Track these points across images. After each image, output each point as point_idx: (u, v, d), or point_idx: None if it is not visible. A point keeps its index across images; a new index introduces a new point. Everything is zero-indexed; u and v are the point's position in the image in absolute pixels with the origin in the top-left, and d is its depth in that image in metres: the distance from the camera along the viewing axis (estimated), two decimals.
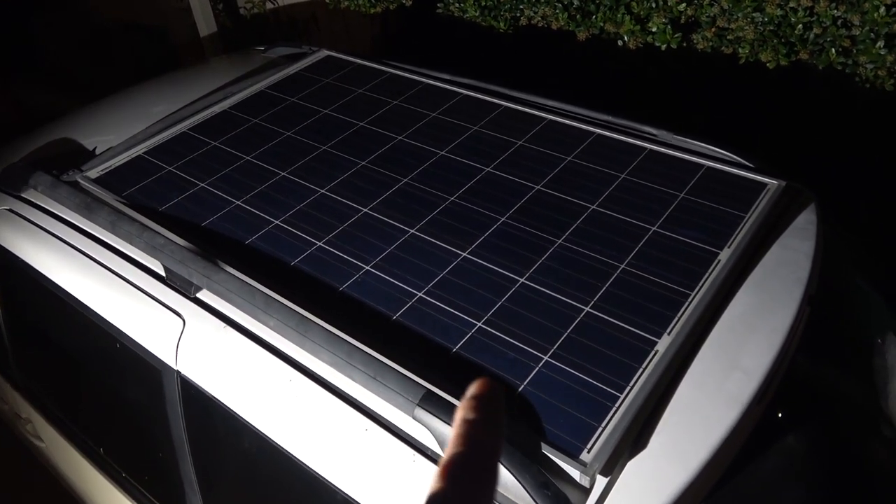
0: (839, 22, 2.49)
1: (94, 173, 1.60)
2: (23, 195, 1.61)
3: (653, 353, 1.08)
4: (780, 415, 1.09)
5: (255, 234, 1.38)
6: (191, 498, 1.36)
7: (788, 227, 1.34)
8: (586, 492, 0.93)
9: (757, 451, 1.05)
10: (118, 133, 1.76)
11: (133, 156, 1.65)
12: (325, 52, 2.08)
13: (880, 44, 2.40)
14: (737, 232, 1.30)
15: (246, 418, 1.15)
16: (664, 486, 0.92)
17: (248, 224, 1.41)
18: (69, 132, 1.89)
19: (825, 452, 1.23)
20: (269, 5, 4.35)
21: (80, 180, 1.57)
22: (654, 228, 1.32)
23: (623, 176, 1.47)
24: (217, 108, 1.82)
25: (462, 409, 0.32)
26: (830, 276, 1.31)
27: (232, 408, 1.17)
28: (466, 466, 0.32)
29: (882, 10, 2.36)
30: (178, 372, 1.25)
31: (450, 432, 0.92)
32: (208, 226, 1.41)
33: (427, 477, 0.97)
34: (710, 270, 1.22)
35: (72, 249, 1.46)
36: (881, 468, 1.29)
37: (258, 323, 1.17)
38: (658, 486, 0.92)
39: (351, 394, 1.07)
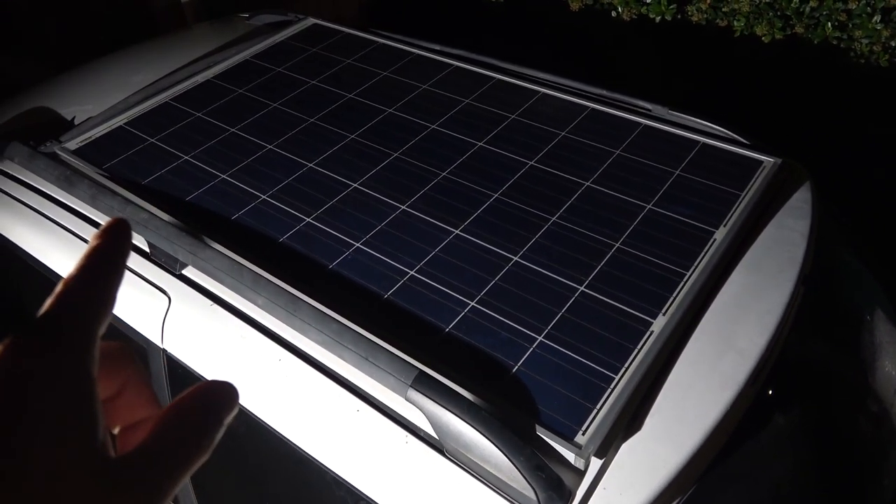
0: None
1: (72, 145, 1.54)
2: None
3: (648, 333, 1.07)
4: (774, 395, 1.08)
5: (242, 210, 1.34)
6: None
7: (784, 205, 1.33)
8: (581, 473, 0.92)
9: (751, 432, 1.05)
10: (97, 103, 1.70)
11: (113, 127, 1.60)
12: (311, 21, 2.02)
13: (876, 18, 2.37)
14: (732, 210, 1.28)
15: None
16: (659, 468, 0.92)
17: (234, 199, 1.37)
18: (46, 101, 1.82)
19: (819, 432, 1.23)
20: None
21: (58, 152, 1.52)
22: (649, 206, 1.30)
23: (618, 152, 1.45)
24: (200, 78, 1.76)
25: (91, 238, 0.35)
26: (825, 256, 1.31)
27: None
28: (86, 277, 0.34)
29: None
30: (164, 350, 1.22)
31: (444, 414, 0.91)
32: (193, 200, 1.37)
33: (420, 459, 0.96)
34: (705, 250, 1.20)
35: (51, 223, 1.41)
36: (873, 447, 1.30)
37: (246, 301, 1.15)
38: (653, 468, 0.92)
39: (342, 374, 1.06)
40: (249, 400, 1.11)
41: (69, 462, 0.28)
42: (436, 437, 0.95)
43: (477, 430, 0.90)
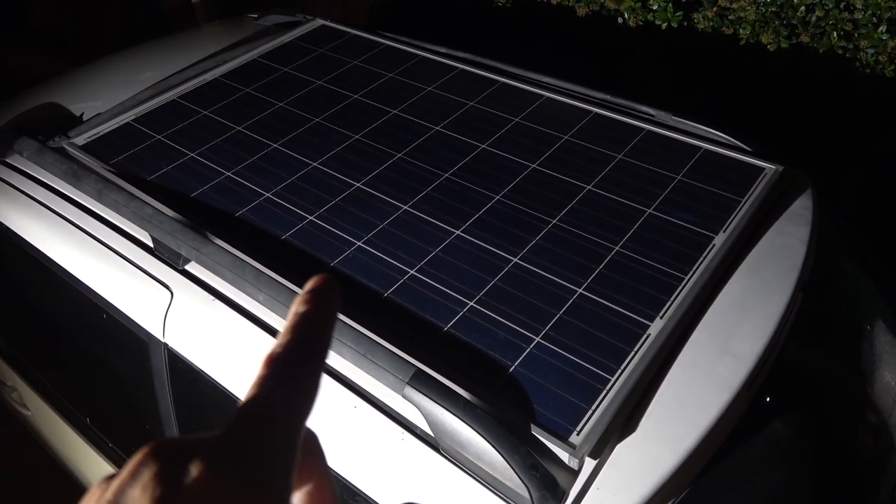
0: (842, 5, 2.46)
1: (80, 140, 1.56)
2: (7, 160, 1.58)
3: (645, 336, 1.07)
4: (770, 400, 1.09)
5: (246, 207, 1.35)
6: None
7: (784, 212, 1.33)
8: (575, 473, 0.92)
9: (746, 436, 1.05)
10: (106, 99, 1.72)
11: (121, 123, 1.62)
12: (319, 22, 2.03)
13: (882, 28, 2.37)
14: (732, 216, 1.29)
15: (234, 392, 1.14)
16: (653, 469, 0.92)
17: (238, 196, 1.38)
18: (55, 97, 1.84)
19: (814, 438, 1.23)
20: None
21: (66, 147, 1.54)
22: (649, 211, 1.31)
23: (620, 156, 1.45)
24: (208, 77, 1.78)
25: (297, 303, 0.31)
26: (825, 263, 1.31)
27: (219, 381, 1.16)
28: (293, 357, 0.30)
29: None
30: (166, 344, 1.24)
31: (440, 412, 0.91)
32: (198, 197, 1.39)
33: (415, 456, 0.97)
34: (704, 254, 1.21)
35: (57, 217, 1.43)
36: (868, 454, 1.30)
37: (247, 297, 1.16)
38: (647, 469, 0.92)
39: (340, 371, 1.07)
40: None
41: None
42: (432, 434, 0.96)
43: (472, 428, 0.91)
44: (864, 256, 1.53)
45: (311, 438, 0.34)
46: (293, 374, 0.30)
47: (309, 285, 0.31)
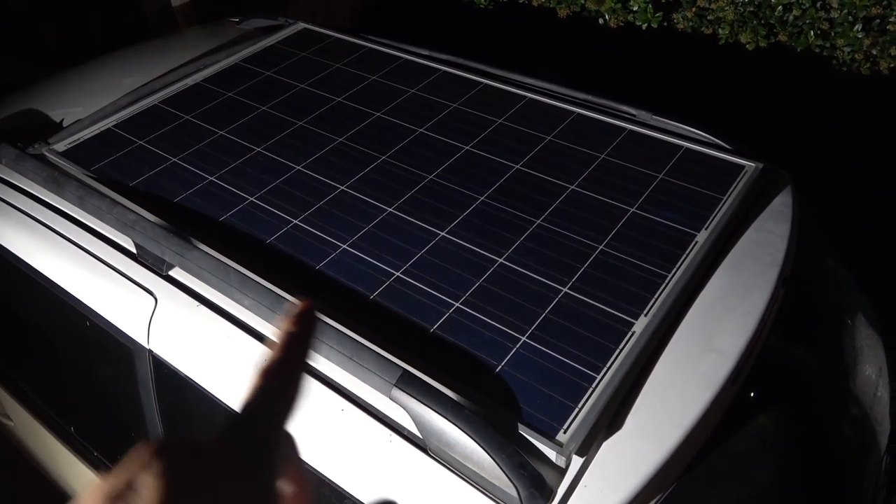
0: (818, 4, 2.49)
1: (61, 146, 1.55)
2: None
3: (630, 334, 1.08)
4: (753, 395, 1.10)
5: (230, 211, 1.35)
6: None
7: (765, 209, 1.35)
8: (562, 472, 0.93)
9: (731, 431, 1.06)
10: (87, 105, 1.71)
11: (102, 129, 1.60)
12: (301, 25, 2.03)
13: (858, 27, 2.41)
14: (714, 214, 1.30)
15: (220, 398, 1.14)
16: (639, 466, 0.93)
17: (222, 201, 1.37)
18: (35, 103, 1.83)
19: (797, 432, 1.25)
20: None
21: (46, 153, 1.52)
22: (632, 209, 1.32)
23: (602, 156, 1.47)
24: (190, 81, 1.77)
25: (284, 324, 0.38)
26: (805, 259, 1.33)
27: (205, 387, 1.16)
28: (282, 370, 0.37)
29: None
30: (151, 351, 1.23)
31: (427, 413, 0.92)
32: (181, 202, 1.38)
33: (404, 457, 0.97)
34: (687, 252, 1.22)
35: (38, 225, 1.42)
36: (851, 448, 1.32)
37: (232, 302, 1.15)
38: (633, 466, 0.93)
39: (327, 374, 1.06)
40: (234, 400, 1.12)
41: None
42: (419, 435, 0.96)
43: (460, 428, 0.91)
44: (844, 252, 1.56)
45: (289, 439, 0.39)
46: (283, 386, 0.36)
47: (295, 311, 0.38)
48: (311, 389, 1.05)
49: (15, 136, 1.55)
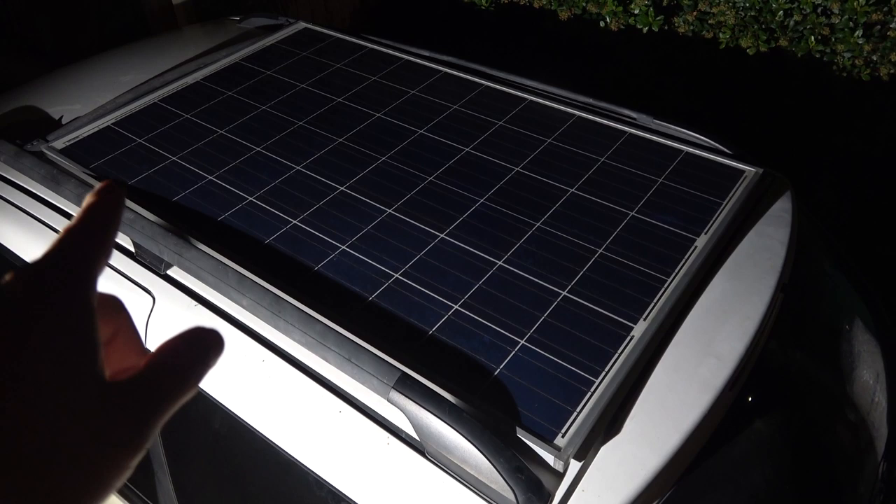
0: (819, 10, 2.50)
1: (60, 144, 1.54)
2: None
3: (628, 338, 1.08)
4: (752, 400, 1.10)
5: (229, 211, 1.34)
6: (160, 479, 1.35)
7: (764, 214, 1.35)
8: (560, 475, 0.93)
9: (729, 436, 1.06)
10: (86, 102, 1.70)
11: (101, 126, 1.60)
12: (302, 25, 2.03)
13: (858, 33, 2.41)
14: (714, 218, 1.30)
15: (217, 399, 1.13)
16: (637, 471, 0.93)
17: (220, 200, 1.37)
18: (34, 100, 1.82)
19: (795, 437, 1.25)
20: None
21: (45, 151, 1.52)
22: (632, 213, 1.32)
23: (602, 159, 1.46)
24: (189, 80, 1.76)
25: (87, 196, 0.37)
26: (804, 264, 1.33)
27: (203, 388, 1.15)
28: (82, 234, 0.36)
29: None
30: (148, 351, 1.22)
31: (425, 416, 0.91)
32: (180, 201, 1.37)
33: (402, 460, 0.97)
34: (686, 257, 1.22)
35: (36, 222, 1.41)
36: (848, 453, 1.32)
37: (230, 302, 1.15)
38: (631, 471, 0.93)
39: (325, 375, 1.06)
40: (232, 401, 1.12)
41: (69, 380, 0.31)
42: (417, 438, 0.96)
43: (458, 431, 0.91)
44: (843, 257, 1.56)
45: (114, 299, 0.40)
46: (87, 231, 0.35)
47: (97, 187, 0.37)
48: (308, 391, 1.05)
49: (13, 133, 1.55)
